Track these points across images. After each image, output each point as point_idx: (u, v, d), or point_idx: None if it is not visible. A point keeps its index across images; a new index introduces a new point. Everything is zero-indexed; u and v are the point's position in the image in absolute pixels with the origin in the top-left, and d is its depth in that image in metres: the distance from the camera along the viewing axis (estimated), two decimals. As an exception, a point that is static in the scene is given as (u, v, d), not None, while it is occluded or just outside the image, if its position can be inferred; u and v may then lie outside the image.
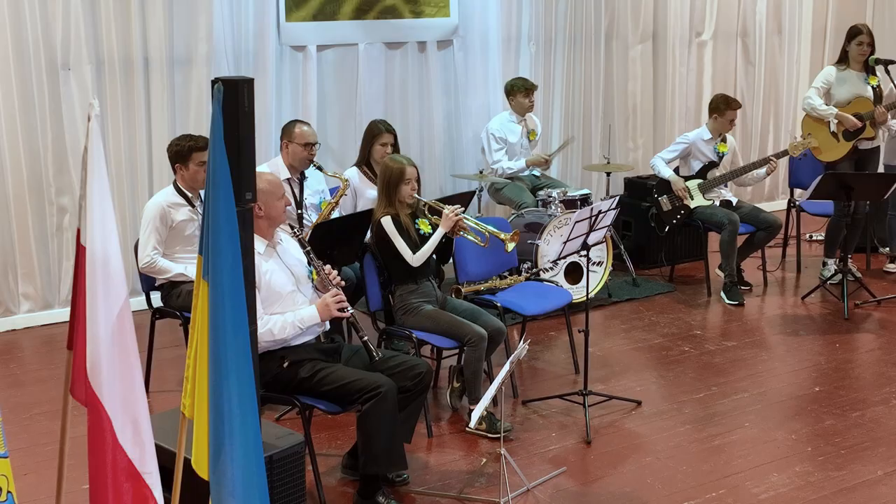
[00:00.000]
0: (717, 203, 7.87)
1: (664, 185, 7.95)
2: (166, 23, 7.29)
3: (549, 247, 7.20)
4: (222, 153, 3.15)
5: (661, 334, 7.06)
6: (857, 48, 7.77)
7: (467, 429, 5.46)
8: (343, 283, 4.91)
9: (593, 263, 7.50)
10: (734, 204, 7.92)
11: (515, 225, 7.39)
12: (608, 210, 5.61)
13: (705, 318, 7.39)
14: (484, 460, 5.16)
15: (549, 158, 8.06)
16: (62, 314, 7.23)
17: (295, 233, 4.91)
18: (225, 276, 3.18)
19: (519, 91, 7.96)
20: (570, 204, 7.68)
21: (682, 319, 7.34)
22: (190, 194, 5.89)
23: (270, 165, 6.46)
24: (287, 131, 6.43)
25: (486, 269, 6.32)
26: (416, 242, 5.55)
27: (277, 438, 3.86)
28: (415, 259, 5.50)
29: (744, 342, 6.88)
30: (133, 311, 3.31)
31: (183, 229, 5.87)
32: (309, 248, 4.89)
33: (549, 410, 5.84)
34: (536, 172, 8.17)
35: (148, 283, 5.99)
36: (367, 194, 6.68)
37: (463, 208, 5.65)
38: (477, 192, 7.90)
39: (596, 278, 7.53)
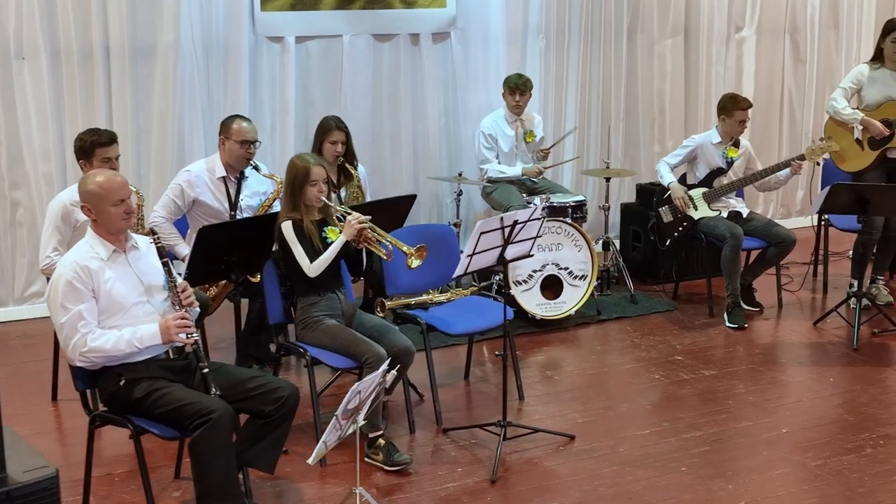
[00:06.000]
0: (725, 214, 7.10)
1: (666, 194, 7.23)
2: (128, 9, 6.94)
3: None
4: None
5: (637, 358, 6.37)
6: (891, 46, 6.91)
7: (367, 459, 4.96)
8: (194, 303, 4.43)
9: (575, 277, 6.85)
10: (744, 216, 7.13)
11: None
12: (528, 220, 4.98)
13: (695, 342, 6.62)
14: (357, 491, 4.57)
15: (542, 170, 7.41)
16: (14, 312, 7.00)
17: (156, 239, 4.45)
18: None
19: (504, 88, 7.36)
20: (558, 211, 7.05)
21: (667, 343, 6.61)
22: (95, 192, 5.50)
23: (207, 162, 6.08)
24: (225, 127, 5.99)
25: (422, 280, 5.72)
26: (318, 251, 5.05)
27: (25, 472, 3.42)
28: (312, 269, 4.99)
29: (724, 372, 6.13)
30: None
31: (86, 229, 5.49)
32: (167, 258, 4.42)
33: (469, 442, 5.25)
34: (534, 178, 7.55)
35: (54, 284, 5.63)
36: (315, 196, 6.19)
37: (369, 216, 5.09)
38: (455, 197, 7.36)
39: (578, 293, 6.86)
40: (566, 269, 6.82)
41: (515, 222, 4.89)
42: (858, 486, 4.73)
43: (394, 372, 4.37)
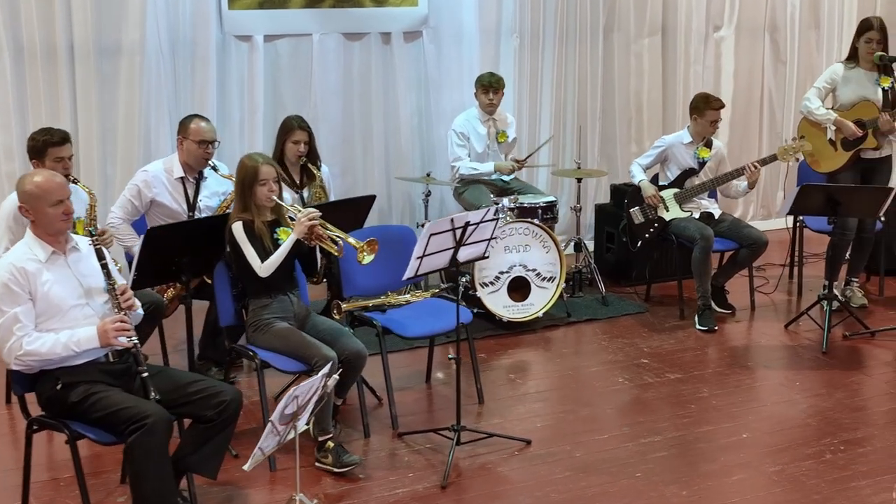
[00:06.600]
0: (696, 215, 7.01)
1: (637, 195, 7.14)
2: (93, 7, 6.87)
3: (492, 259, 6.48)
4: None
5: (603, 361, 6.28)
6: (865, 45, 6.81)
7: (317, 463, 4.88)
8: (134, 306, 4.35)
9: (543, 279, 6.77)
10: (716, 217, 7.04)
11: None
12: (481, 222, 4.89)
13: (662, 345, 6.53)
14: (297, 497, 4.48)
15: (517, 166, 7.31)
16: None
17: (95, 241, 4.37)
18: None
19: (476, 86, 7.28)
20: (527, 212, 6.96)
21: (635, 345, 6.52)
22: (48, 192, 5.42)
23: (165, 163, 6.01)
24: (183, 127, 5.91)
25: (380, 282, 5.64)
26: (269, 252, 4.97)
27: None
28: (262, 269, 4.92)
29: (690, 375, 6.04)
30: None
31: (40, 230, 5.42)
32: (106, 260, 4.34)
33: (424, 446, 5.17)
34: (505, 177, 7.46)
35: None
36: (277, 197, 6.11)
37: (320, 213, 5.01)
38: (423, 198, 7.27)
39: (546, 295, 6.78)
40: (534, 270, 6.74)
41: (467, 224, 4.81)
42: (815, 492, 4.65)
43: (336, 376, 4.28)
